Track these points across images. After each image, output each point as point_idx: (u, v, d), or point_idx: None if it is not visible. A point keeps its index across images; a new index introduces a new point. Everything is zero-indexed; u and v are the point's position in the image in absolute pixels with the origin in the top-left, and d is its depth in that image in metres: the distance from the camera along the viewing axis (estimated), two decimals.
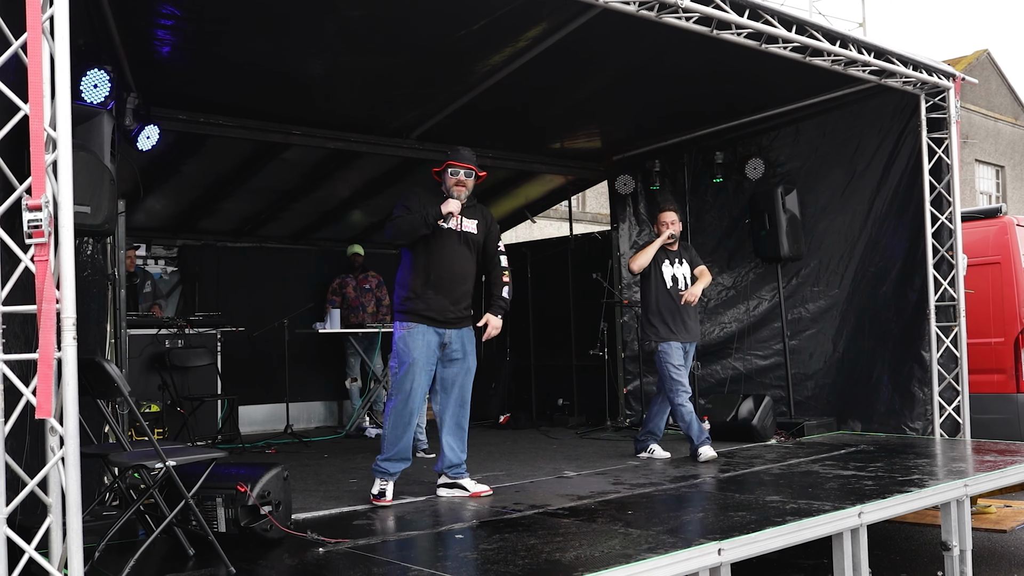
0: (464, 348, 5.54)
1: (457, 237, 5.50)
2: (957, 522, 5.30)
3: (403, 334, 5.41)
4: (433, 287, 5.41)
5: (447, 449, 5.54)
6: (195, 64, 6.82)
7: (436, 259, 5.44)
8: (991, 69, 29.35)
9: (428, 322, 5.39)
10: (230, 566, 3.75)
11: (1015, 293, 8.03)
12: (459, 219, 5.49)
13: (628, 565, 3.58)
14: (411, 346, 5.36)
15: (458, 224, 5.49)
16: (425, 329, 5.38)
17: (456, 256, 5.49)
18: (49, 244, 3.08)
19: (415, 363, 5.34)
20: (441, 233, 5.43)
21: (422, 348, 5.37)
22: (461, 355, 5.53)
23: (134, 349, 8.18)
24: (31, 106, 3.12)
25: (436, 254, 5.44)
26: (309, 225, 11.08)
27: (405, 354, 5.37)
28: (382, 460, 5.39)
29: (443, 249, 5.45)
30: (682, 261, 7.32)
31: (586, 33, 6.54)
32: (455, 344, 5.50)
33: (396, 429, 5.37)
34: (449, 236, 5.46)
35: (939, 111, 7.88)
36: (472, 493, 5.48)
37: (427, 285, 5.41)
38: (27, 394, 3.07)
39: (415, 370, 5.34)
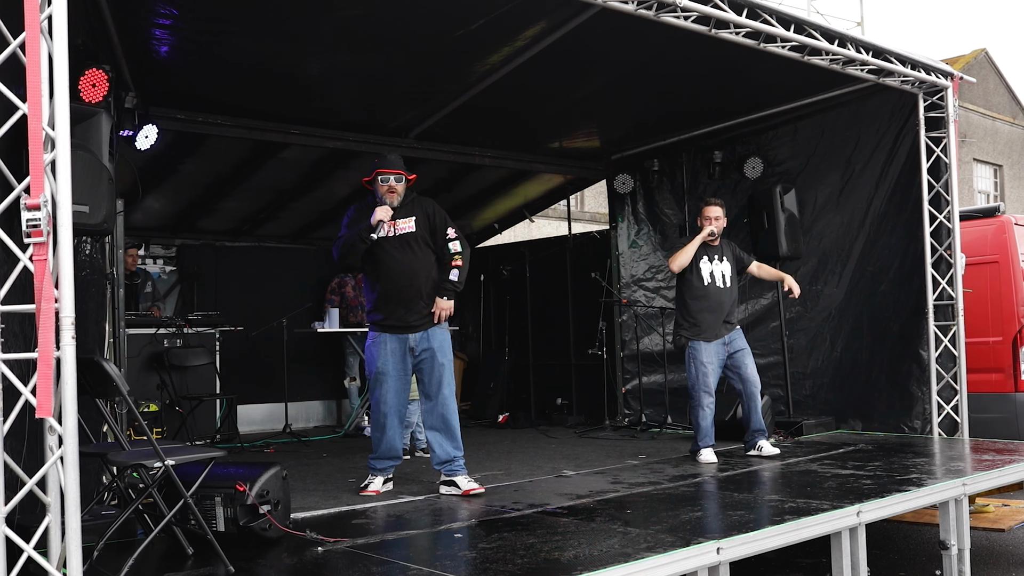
0: (432, 346, 5.61)
1: (395, 242, 5.58)
2: (955, 521, 5.31)
3: (369, 344, 5.70)
4: (384, 297, 5.60)
5: (435, 446, 5.62)
6: (193, 63, 6.81)
7: (382, 270, 5.60)
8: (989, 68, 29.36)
9: (391, 330, 5.58)
10: (229, 565, 3.75)
11: (1013, 292, 8.04)
12: (391, 224, 5.57)
13: (627, 564, 3.58)
14: (376, 356, 5.62)
15: (390, 230, 5.57)
16: (388, 338, 5.59)
17: (397, 262, 5.57)
18: (48, 243, 3.08)
19: (381, 372, 5.60)
20: (379, 243, 5.55)
21: (387, 357, 5.58)
22: (429, 354, 5.62)
23: (133, 348, 8.18)
24: (29, 105, 3.12)
25: (380, 265, 5.59)
26: (308, 224, 11.08)
27: (371, 363, 5.66)
28: (371, 458, 5.77)
29: (384, 258, 5.58)
30: (723, 258, 7.08)
31: (585, 32, 6.54)
32: (423, 345, 5.60)
33: (375, 431, 5.73)
34: (388, 243, 5.57)
35: (937, 110, 7.88)
36: (463, 491, 5.49)
37: (379, 296, 5.61)
38: (26, 393, 3.07)
39: (382, 379, 5.59)
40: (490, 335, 12.01)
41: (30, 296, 3.09)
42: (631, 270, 10.16)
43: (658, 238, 10.03)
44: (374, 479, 5.71)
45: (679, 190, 9.82)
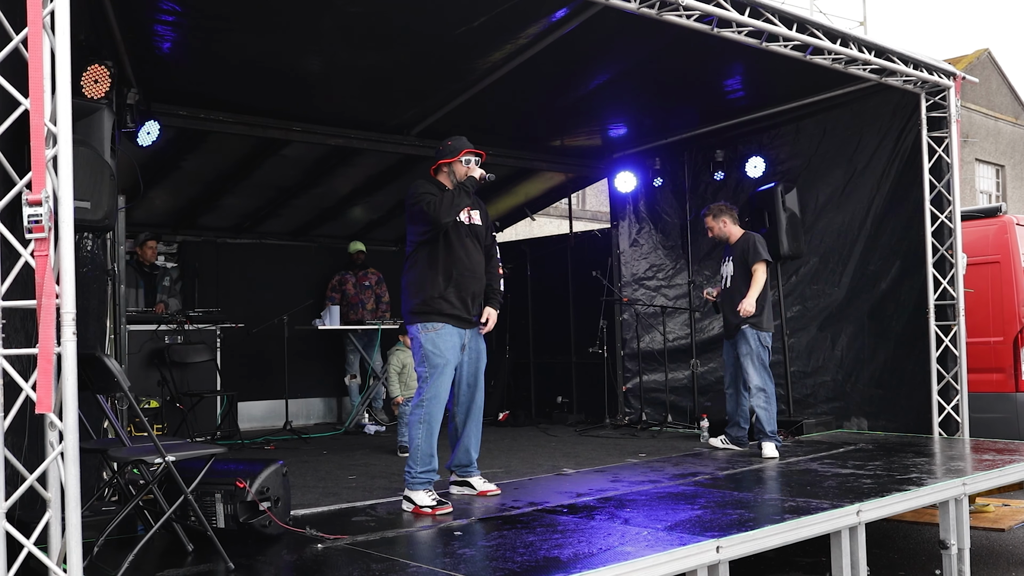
0: (480, 348, 5.41)
1: (467, 231, 5.28)
2: (955, 521, 5.31)
3: (431, 336, 5.10)
4: (456, 285, 5.16)
5: (471, 447, 5.43)
6: (195, 60, 6.82)
7: (455, 255, 5.18)
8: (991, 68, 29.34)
9: (454, 321, 5.16)
10: (229, 562, 3.76)
11: (1014, 292, 8.03)
12: (467, 213, 5.28)
13: (626, 562, 3.58)
14: (443, 348, 5.10)
15: (468, 217, 5.29)
16: (451, 330, 5.14)
17: (471, 250, 5.26)
18: (49, 239, 3.08)
19: (449, 364, 5.11)
20: (454, 228, 5.20)
21: (452, 349, 5.14)
22: (477, 355, 5.38)
23: (133, 345, 8.18)
24: (31, 101, 3.12)
25: (454, 250, 5.18)
26: (309, 222, 11.09)
27: (437, 356, 5.08)
28: (422, 471, 5.01)
29: (459, 244, 5.20)
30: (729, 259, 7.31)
31: (587, 31, 6.54)
32: (472, 344, 5.35)
33: (431, 438, 5.06)
34: (461, 230, 5.24)
35: (939, 110, 7.88)
36: (479, 492, 5.42)
37: (450, 283, 5.15)
38: (27, 389, 3.08)
39: (448, 371, 5.11)
40: (491, 333, 11.98)
41: (31, 292, 3.10)
42: (632, 269, 10.16)
43: (659, 237, 10.03)
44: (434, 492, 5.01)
45: (681, 189, 9.82)
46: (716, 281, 7.48)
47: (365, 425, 9.70)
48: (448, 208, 5.06)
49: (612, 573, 3.50)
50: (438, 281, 5.15)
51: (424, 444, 5.04)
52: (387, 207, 10.99)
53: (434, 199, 5.07)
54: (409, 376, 7.71)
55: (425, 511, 4.85)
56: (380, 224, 11.47)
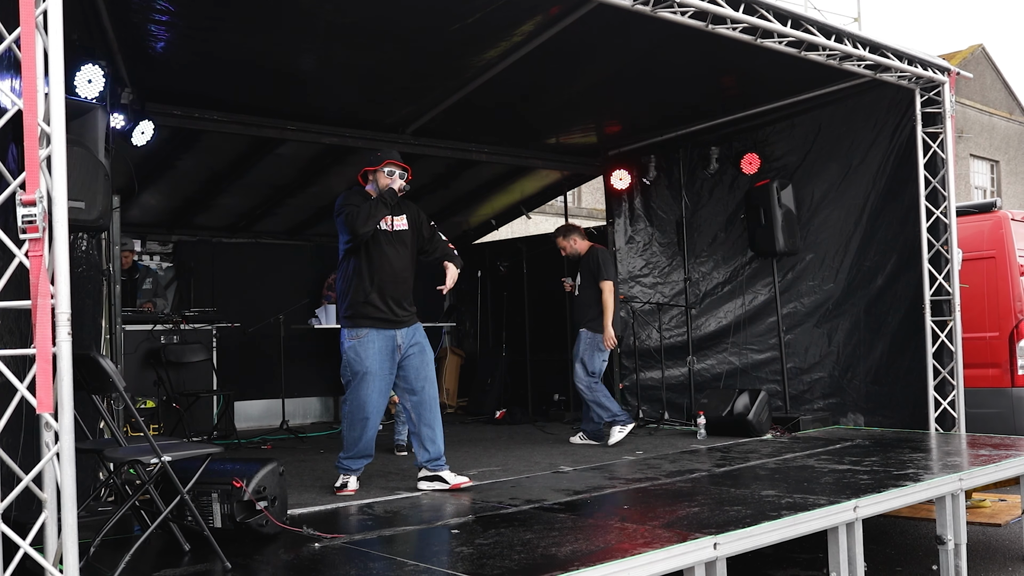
0: (418, 340, 5.61)
1: (391, 237, 5.57)
2: (952, 516, 5.32)
3: (353, 343, 5.43)
4: (378, 290, 5.47)
5: (427, 442, 5.58)
6: (189, 59, 6.80)
7: (378, 262, 5.51)
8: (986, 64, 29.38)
9: (381, 324, 5.44)
10: (226, 561, 3.76)
11: (1010, 288, 8.04)
12: (387, 221, 5.55)
13: (624, 560, 3.58)
14: (363, 355, 5.41)
15: (390, 224, 5.57)
16: (377, 334, 5.43)
17: (395, 256, 5.55)
18: (43, 239, 3.07)
19: (368, 373, 5.40)
20: (375, 237, 5.50)
21: (375, 356, 5.42)
22: (419, 348, 5.60)
23: (129, 345, 8.18)
24: (25, 101, 3.11)
25: (377, 257, 5.51)
26: (304, 220, 11.07)
27: (357, 363, 5.41)
28: (344, 458, 5.57)
29: (382, 250, 5.52)
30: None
31: (582, 28, 6.54)
32: (410, 339, 5.57)
33: (352, 432, 5.49)
34: (385, 237, 5.54)
35: (934, 106, 7.89)
36: (452, 485, 5.50)
37: (373, 289, 5.46)
38: (22, 389, 3.06)
39: (369, 380, 5.40)
40: (487, 331, 12.01)
41: (26, 292, 3.09)
42: (628, 266, 10.15)
43: (655, 234, 10.03)
44: (348, 478, 5.56)
45: (676, 186, 9.82)
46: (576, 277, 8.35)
47: None
48: (364, 221, 5.38)
49: (609, 571, 3.50)
50: (363, 287, 5.48)
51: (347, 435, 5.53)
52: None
53: (354, 211, 5.40)
54: None
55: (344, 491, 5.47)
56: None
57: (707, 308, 9.51)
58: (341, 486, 5.55)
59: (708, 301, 9.52)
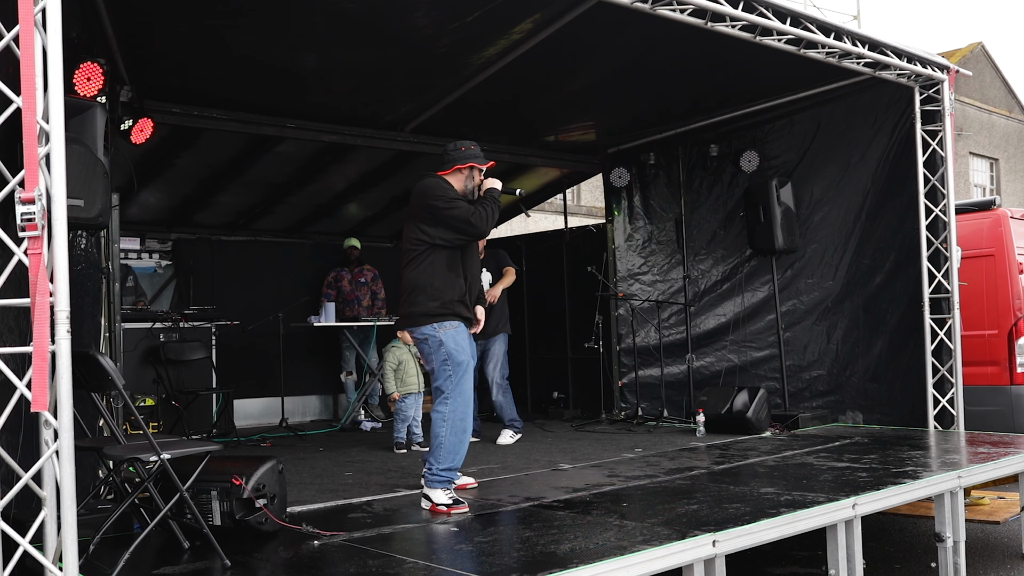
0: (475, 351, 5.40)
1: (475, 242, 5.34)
2: (951, 513, 5.32)
3: (451, 333, 5.02)
4: (471, 289, 5.22)
5: None
6: (189, 57, 6.79)
7: (469, 260, 5.23)
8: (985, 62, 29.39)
9: (466, 323, 5.18)
10: (225, 559, 3.76)
11: (1009, 286, 8.05)
12: None
13: (623, 557, 3.59)
14: (463, 345, 5.07)
15: None
16: (465, 329, 5.16)
17: (476, 256, 5.34)
18: (42, 237, 3.07)
19: (471, 362, 5.07)
20: None
21: (468, 347, 5.13)
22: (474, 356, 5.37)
23: (128, 343, 8.17)
24: (24, 99, 3.11)
25: (469, 255, 5.23)
26: (304, 218, 11.07)
27: (460, 353, 5.02)
28: (444, 469, 4.94)
29: (472, 253, 5.27)
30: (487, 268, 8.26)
31: (581, 25, 6.54)
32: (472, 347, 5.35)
33: (458, 435, 4.98)
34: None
35: (933, 103, 7.89)
36: (458, 486, 5.44)
37: (467, 287, 5.17)
38: (21, 387, 3.07)
39: (471, 370, 5.06)
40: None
41: (25, 290, 3.09)
42: (627, 264, 10.16)
43: (654, 232, 10.03)
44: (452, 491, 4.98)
45: (675, 184, 9.82)
46: None
47: (361, 422, 9.70)
48: (492, 222, 5.05)
49: (608, 568, 3.51)
50: (459, 284, 5.10)
51: (452, 441, 4.94)
52: (382, 203, 10.98)
53: (478, 211, 5.01)
54: (405, 373, 7.70)
55: (441, 509, 4.80)
56: (375, 220, 11.47)
57: (706, 306, 9.52)
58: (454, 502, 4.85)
59: (707, 299, 9.52)
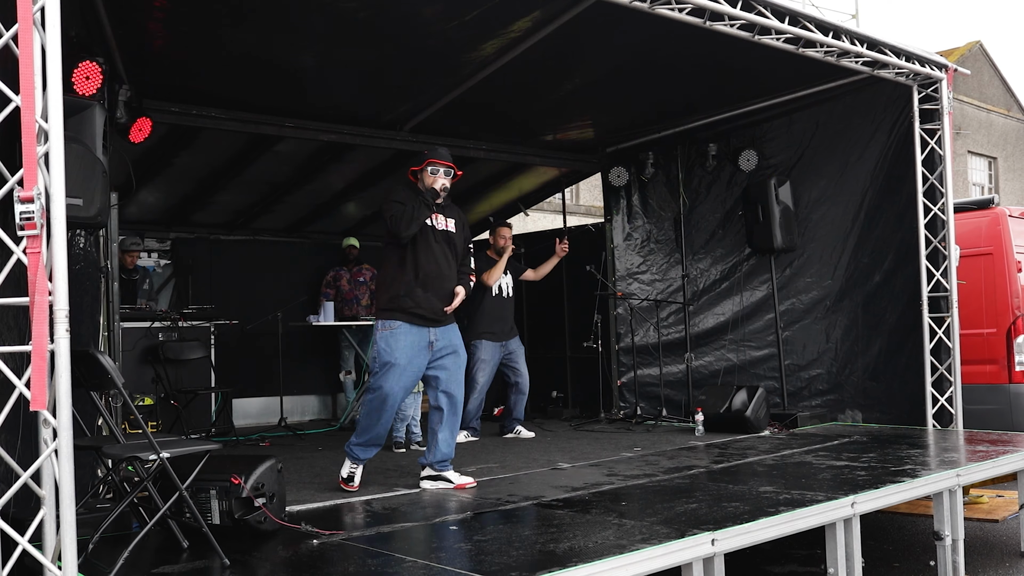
0: (454, 343, 5.56)
1: (440, 236, 5.52)
2: (949, 512, 5.33)
3: (385, 334, 5.37)
4: (422, 285, 5.40)
5: (442, 443, 5.54)
6: (187, 56, 6.79)
7: (425, 257, 5.43)
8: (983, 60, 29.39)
9: (417, 320, 5.38)
10: (224, 558, 3.76)
11: (1007, 284, 8.05)
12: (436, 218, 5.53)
13: (622, 556, 3.59)
14: (393, 347, 5.34)
15: (443, 223, 5.55)
16: (409, 329, 5.36)
17: (441, 255, 5.51)
18: (41, 236, 3.07)
19: (395, 366, 5.31)
20: (425, 231, 5.45)
21: (405, 350, 5.34)
22: (451, 350, 5.54)
23: (127, 342, 8.17)
24: (23, 98, 3.11)
25: (424, 252, 5.44)
26: (303, 218, 11.07)
27: (387, 354, 5.34)
28: (355, 444, 5.47)
29: (431, 246, 5.45)
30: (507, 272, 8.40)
31: (579, 24, 6.53)
32: (443, 341, 5.50)
33: (370, 419, 5.41)
34: (435, 235, 5.49)
35: (932, 102, 7.89)
36: (457, 485, 5.49)
37: (417, 283, 5.39)
38: (20, 386, 3.07)
39: (394, 372, 5.32)
40: None
41: (24, 289, 3.09)
42: (626, 263, 10.16)
43: (653, 231, 10.04)
44: (356, 469, 5.49)
45: (674, 183, 9.82)
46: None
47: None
48: (407, 224, 5.35)
49: (608, 566, 3.51)
50: (406, 279, 5.40)
51: (364, 421, 5.45)
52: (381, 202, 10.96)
53: (398, 210, 5.36)
54: None
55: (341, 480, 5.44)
56: (374, 220, 11.45)
57: (705, 305, 9.52)
58: (348, 479, 5.46)
59: (706, 298, 9.52)
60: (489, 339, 8.21)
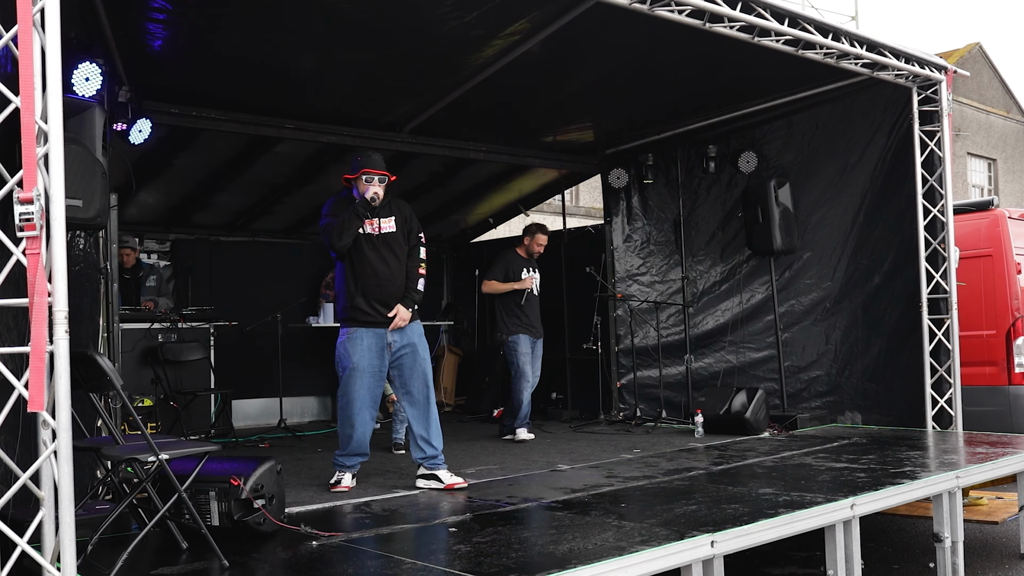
0: (411, 341, 5.65)
1: (378, 241, 5.61)
2: (949, 514, 5.32)
3: (343, 340, 5.59)
4: (364, 293, 5.56)
5: (420, 441, 5.62)
6: (187, 58, 6.79)
7: (360, 267, 5.59)
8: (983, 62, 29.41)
9: (369, 325, 5.54)
10: (223, 559, 3.75)
11: (1007, 286, 8.06)
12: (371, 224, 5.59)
13: (621, 557, 3.59)
14: (351, 351, 5.53)
15: (376, 227, 5.61)
16: (365, 332, 5.54)
17: (378, 261, 5.60)
18: (41, 237, 3.07)
19: (356, 368, 5.52)
20: (362, 241, 5.57)
21: (363, 352, 5.53)
22: (410, 349, 5.65)
23: (127, 343, 8.16)
24: (22, 99, 3.11)
25: (362, 261, 5.58)
26: (302, 219, 11.05)
27: (346, 359, 5.55)
28: (338, 455, 5.67)
29: (367, 255, 5.58)
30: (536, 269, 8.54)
31: (579, 26, 6.54)
32: (401, 341, 5.61)
33: (344, 429, 5.61)
34: (368, 242, 5.59)
35: (931, 104, 7.89)
36: (447, 485, 5.52)
37: (357, 292, 5.56)
38: (19, 387, 3.06)
39: (356, 375, 5.52)
40: (485, 329, 11.99)
41: (24, 290, 3.09)
42: (625, 265, 10.16)
43: (653, 232, 10.04)
44: (343, 475, 5.64)
45: (673, 184, 9.83)
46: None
47: None
48: (338, 236, 5.53)
49: (607, 568, 3.51)
50: (349, 290, 5.61)
51: (340, 432, 5.63)
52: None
53: (330, 224, 5.54)
54: None
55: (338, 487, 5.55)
56: None
57: (704, 306, 9.52)
58: (335, 482, 5.62)
59: (705, 299, 9.53)
60: (527, 333, 8.40)
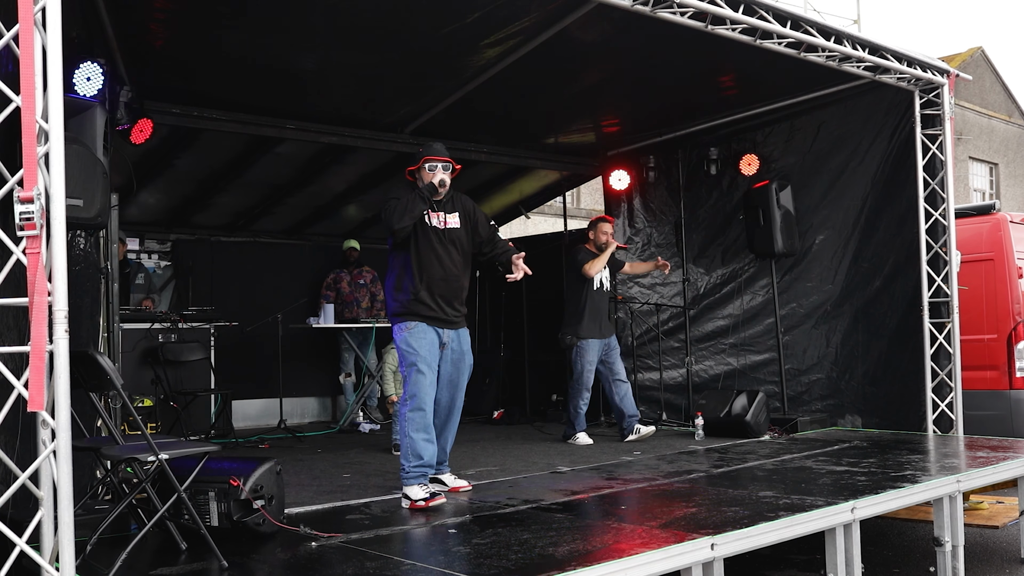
0: (463, 347, 5.49)
1: (444, 236, 5.40)
2: (949, 518, 5.32)
3: (405, 335, 5.26)
4: (427, 288, 5.30)
5: (446, 446, 5.53)
6: (189, 58, 6.80)
7: (427, 259, 5.33)
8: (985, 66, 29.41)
9: (429, 321, 5.29)
10: (222, 560, 3.75)
11: (1008, 290, 8.05)
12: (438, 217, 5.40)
13: (621, 560, 3.58)
14: (416, 345, 5.22)
15: (441, 221, 5.41)
16: (426, 328, 5.27)
17: (444, 255, 5.38)
18: (41, 236, 3.07)
19: (424, 361, 5.20)
20: (427, 234, 5.35)
21: (427, 346, 5.24)
22: (460, 354, 5.47)
23: (127, 343, 8.16)
24: (23, 98, 3.11)
25: (426, 254, 5.34)
26: (303, 220, 11.07)
27: (412, 354, 5.21)
28: (412, 467, 5.08)
29: (434, 248, 5.36)
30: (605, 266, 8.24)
31: (581, 27, 6.54)
32: (454, 344, 5.43)
33: (420, 431, 5.13)
34: (436, 235, 5.37)
35: (933, 107, 7.89)
36: (451, 488, 5.48)
37: (422, 286, 5.30)
38: (19, 387, 3.06)
39: (425, 369, 5.19)
40: (485, 331, 11.99)
41: (24, 289, 3.08)
42: None
43: (654, 235, 10.03)
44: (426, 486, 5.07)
45: (675, 187, 9.83)
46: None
47: (360, 424, 9.68)
48: (399, 217, 5.25)
49: (607, 571, 3.50)
50: (412, 284, 5.32)
51: (411, 440, 5.11)
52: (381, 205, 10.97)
53: (392, 205, 5.31)
54: None
55: (419, 504, 4.90)
56: (374, 222, 11.43)
57: (705, 309, 9.51)
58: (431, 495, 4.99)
59: (706, 302, 9.52)
60: (595, 337, 8.09)
